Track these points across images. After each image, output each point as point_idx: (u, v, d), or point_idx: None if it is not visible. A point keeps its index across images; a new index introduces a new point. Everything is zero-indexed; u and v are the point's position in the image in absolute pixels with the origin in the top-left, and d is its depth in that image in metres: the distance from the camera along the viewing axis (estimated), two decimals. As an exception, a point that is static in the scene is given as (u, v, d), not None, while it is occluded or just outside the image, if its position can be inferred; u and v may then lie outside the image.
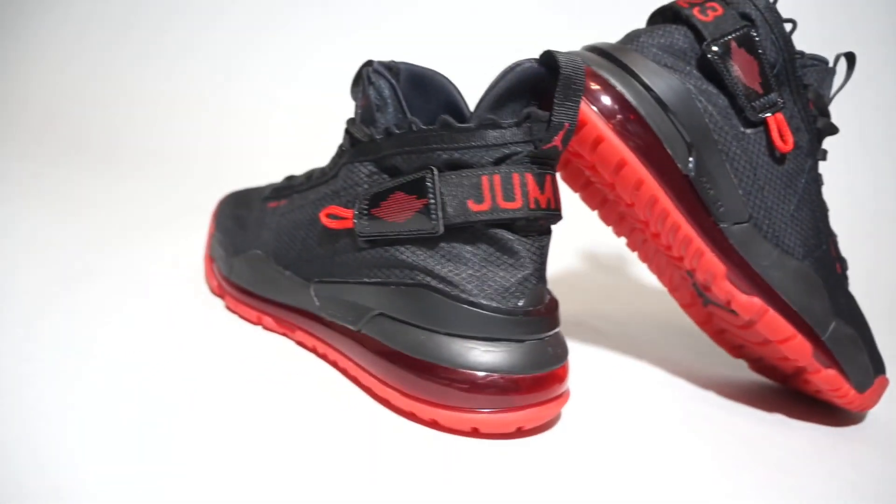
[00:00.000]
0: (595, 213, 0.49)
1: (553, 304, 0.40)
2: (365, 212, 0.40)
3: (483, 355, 0.38)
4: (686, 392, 0.48)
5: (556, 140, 0.38)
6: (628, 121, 0.42)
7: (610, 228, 0.50)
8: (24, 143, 0.97)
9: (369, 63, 0.43)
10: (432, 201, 0.38)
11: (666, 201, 0.42)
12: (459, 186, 0.38)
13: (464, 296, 0.38)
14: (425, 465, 0.35)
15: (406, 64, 0.43)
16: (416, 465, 0.35)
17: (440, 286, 0.38)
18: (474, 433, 0.38)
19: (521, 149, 0.38)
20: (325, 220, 0.41)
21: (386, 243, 0.40)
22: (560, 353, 0.39)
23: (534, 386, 0.38)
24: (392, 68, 0.42)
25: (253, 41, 1.11)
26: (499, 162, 0.38)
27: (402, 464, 0.35)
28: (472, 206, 0.37)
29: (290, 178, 0.50)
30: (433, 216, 0.38)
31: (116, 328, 0.45)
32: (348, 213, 0.41)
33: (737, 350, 0.50)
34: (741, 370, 0.52)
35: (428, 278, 0.39)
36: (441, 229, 0.38)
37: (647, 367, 0.51)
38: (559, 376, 0.39)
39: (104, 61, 1.15)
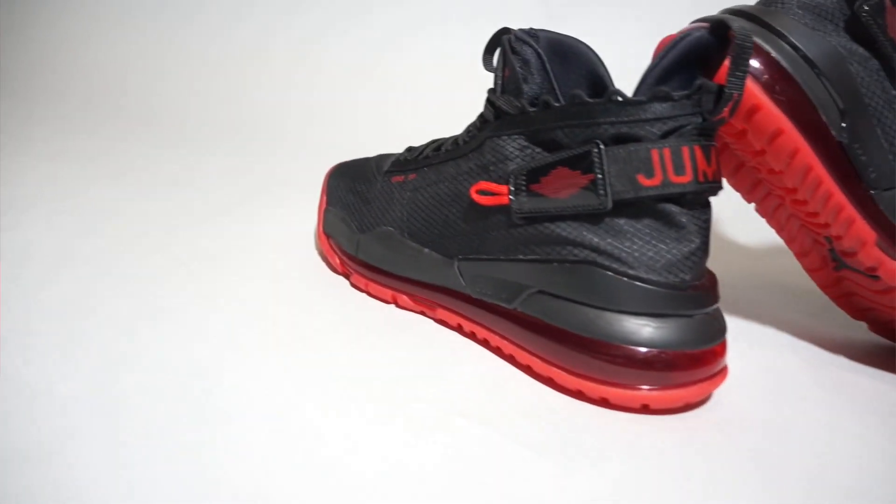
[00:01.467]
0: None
1: (713, 278, 0.40)
2: (523, 188, 0.39)
3: (654, 331, 0.37)
4: (816, 357, 0.48)
5: (725, 111, 0.37)
6: (784, 88, 0.41)
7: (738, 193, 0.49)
8: (96, 120, 0.94)
9: (506, 31, 0.42)
10: (599, 176, 0.37)
11: (819, 169, 0.41)
12: (628, 161, 0.37)
13: (631, 272, 0.38)
14: (600, 442, 0.35)
15: (544, 31, 0.42)
16: (590, 442, 0.35)
17: (607, 262, 0.38)
18: (643, 410, 0.38)
19: (689, 121, 0.37)
20: (475, 197, 0.40)
21: (545, 220, 0.39)
22: (722, 327, 0.39)
23: (703, 360, 0.38)
24: (533, 35, 0.40)
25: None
26: (666, 135, 0.37)
27: (577, 441, 0.35)
28: (643, 180, 0.37)
29: (410, 150, 0.49)
30: (601, 192, 0.37)
31: (240, 313, 0.44)
32: (502, 188, 0.40)
33: (861, 313, 0.50)
34: (860, 331, 0.52)
35: (594, 254, 0.38)
36: (609, 205, 0.37)
37: (769, 331, 0.50)
38: (723, 350, 0.39)
39: (184, 35, 1.11)
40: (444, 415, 0.36)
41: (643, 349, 0.37)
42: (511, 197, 0.39)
